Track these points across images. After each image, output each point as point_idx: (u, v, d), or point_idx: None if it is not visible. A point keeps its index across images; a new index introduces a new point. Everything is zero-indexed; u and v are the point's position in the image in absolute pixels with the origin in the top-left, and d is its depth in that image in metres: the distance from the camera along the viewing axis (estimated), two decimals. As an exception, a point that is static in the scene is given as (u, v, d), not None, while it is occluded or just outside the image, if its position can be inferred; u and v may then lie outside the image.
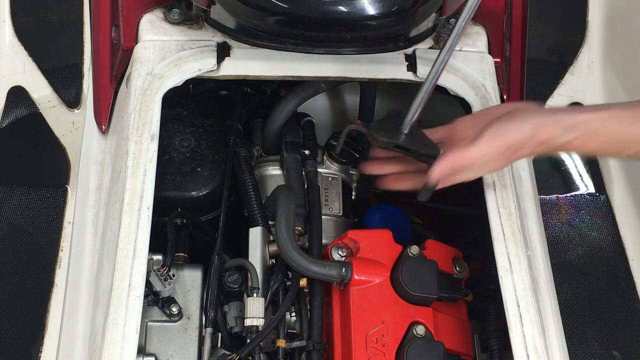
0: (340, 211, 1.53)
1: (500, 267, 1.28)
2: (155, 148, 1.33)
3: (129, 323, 1.19)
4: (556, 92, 2.23)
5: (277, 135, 1.57)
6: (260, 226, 1.42)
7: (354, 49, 1.41)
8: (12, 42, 2.16)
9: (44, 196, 1.92)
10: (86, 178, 1.56)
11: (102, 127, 1.58)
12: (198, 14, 1.46)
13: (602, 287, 1.95)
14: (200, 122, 1.57)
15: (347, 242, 1.37)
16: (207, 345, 1.32)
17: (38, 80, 2.12)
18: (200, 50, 1.43)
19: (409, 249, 1.34)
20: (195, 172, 1.51)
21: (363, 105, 1.68)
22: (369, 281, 1.31)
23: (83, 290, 1.42)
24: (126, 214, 1.27)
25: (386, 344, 1.26)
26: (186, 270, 1.41)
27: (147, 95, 1.37)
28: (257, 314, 1.32)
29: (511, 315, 1.25)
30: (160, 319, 1.36)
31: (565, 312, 1.62)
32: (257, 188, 1.49)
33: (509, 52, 1.58)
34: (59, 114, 2.09)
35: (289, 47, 1.40)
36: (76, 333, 1.39)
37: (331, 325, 1.33)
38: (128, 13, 1.48)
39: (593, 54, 2.26)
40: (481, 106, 1.44)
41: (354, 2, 1.31)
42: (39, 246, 1.85)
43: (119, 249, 1.24)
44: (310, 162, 1.54)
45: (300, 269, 1.32)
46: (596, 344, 1.86)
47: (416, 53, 1.48)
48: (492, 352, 1.34)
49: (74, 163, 1.97)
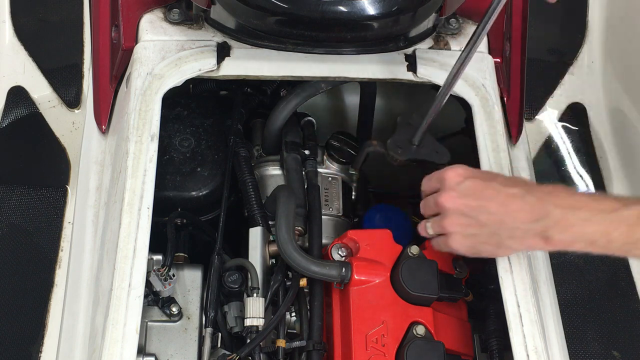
0: (340, 211, 1.53)
1: (500, 267, 1.28)
2: (155, 148, 1.33)
3: (129, 323, 1.19)
4: (556, 92, 2.23)
5: (277, 135, 1.57)
6: (260, 226, 1.42)
7: (354, 49, 1.42)
8: (12, 42, 2.16)
9: (44, 196, 1.92)
10: (86, 178, 1.56)
11: (102, 127, 1.58)
12: (198, 14, 1.46)
13: (602, 287, 1.95)
14: (200, 122, 1.57)
15: (347, 242, 1.37)
16: (207, 345, 1.32)
17: (38, 80, 2.12)
18: (200, 50, 1.43)
19: (409, 249, 1.34)
20: (195, 172, 1.51)
21: (363, 105, 1.68)
22: (369, 281, 1.31)
23: (83, 290, 1.42)
24: (126, 214, 1.27)
25: (386, 344, 1.26)
26: (186, 270, 1.41)
27: (147, 95, 1.37)
28: (257, 314, 1.32)
29: (511, 315, 1.25)
30: (160, 319, 1.36)
31: (565, 312, 1.62)
32: (257, 188, 1.49)
33: (509, 52, 1.58)
34: (59, 114, 2.09)
35: (289, 47, 1.40)
36: (76, 333, 1.39)
37: (331, 325, 1.33)
38: (128, 13, 1.48)
39: (593, 54, 2.26)
40: (481, 106, 1.44)
41: (354, 2, 1.31)
42: (39, 246, 1.85)
43: (119, 249, 1.24)
44: (310, 162, 1.54)
45: (300, 269, 1.32)
46: (596, 344, 1.86)
47: (416, 53, 1.48)
48: (492, 352, 1.34)
49: (74, 163, 1.97)
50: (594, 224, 1.14)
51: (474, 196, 1.21)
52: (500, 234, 1.20)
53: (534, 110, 2.19)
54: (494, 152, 1.40)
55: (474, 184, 1.22)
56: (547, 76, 2.24)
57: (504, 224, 1.19)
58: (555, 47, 2.28)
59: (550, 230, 1.16)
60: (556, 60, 2.27)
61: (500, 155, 1.40)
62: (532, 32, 1.26)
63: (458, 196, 1.22)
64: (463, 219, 1.21)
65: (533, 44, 1.24)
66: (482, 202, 1.20)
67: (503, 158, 1.40)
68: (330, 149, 1.59)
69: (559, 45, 2.28)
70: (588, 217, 1.15)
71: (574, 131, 2.18)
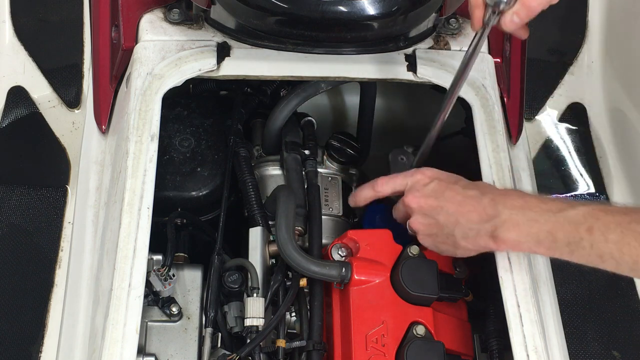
0: (340, 211, 1.53)
1: (500, 267, 1.28)
2: (155, 148, 1.33)
3: (129, 323, 1.19)
4: (556, 92, 2.23)
5: (277, 135, 1.57)
6: (260, 226, 1.42)
7: (354, 49, 1.42)
8: (12, 42, 2.16)
9: (44, 196, 1.92)
10: (86, 178, 1.56)
11: (102, 127, 1.58)
12: (198, 14, 1.46)
13: (602, 287, 1.95)
14: (200, 122, 1.57)
15: (347, 242, 1.37)
16: (207, 345, 1.32)
17: (38, 80, 2.11)
18: (200, 50, 1.43)
19: (409, 249, 1.34)
20: (195, 172, 1.51)
21: (363, 105, 1.68)
22: (369, 281, 1.31)
23: (83, 290, 1.42)
24: (126, 214, 1.27)
25: (386, 344, 1.26)
26: (186, 270, 1.41)
27: (147, 95, 1.37)
28: (257, 314, 1.32)
29: (511, 315, 1.25)
30: (160, 319, 1.36)
31: (565, 312, 1.62)
32: (257, 188, 1.49)
33: (509, 52, 1.58)
34: (59, 114, 2.08)
35: (289, 47, 1.40)
36: (76, 333, 1.39)
37: (331, 325, 1.33)
38: (128, 13, 1.48)
39: (593, 54, 2.26)
40: (481, 106, 1.44)
41: (354, 2, 1.31)
42: (39, 246, 1.85)
43: (119, 249, 1.24)
44: (310, 162, 1.54)
45: (300, 269, 1.32)
46: (596, 344, 1.86)
47: (416, 53, 1.48)
48: (492, 352, 1.34)
49: (74, 163, 1.97)
50: (539, 224, 1.16)
51: (435, 197, 1.26)
52: (455, 234, 1.24)
53: (534, 110, 2.19)
54: (494, 152, 1.40)
55: (438, 186, 1.27)
56: (547, 76, 2.23)
57: (459, 225, 1.23)
58: (555, 47, 2.28)
59: (499, 229, 1.19)
60: (556, 60, 2.27)
61: (500, 155, 1.40)
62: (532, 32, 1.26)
63: (421, 196, 1.28)
64: (425, 219, 1.28)
65: (533, 44, 1.24)
66: (442, 203, 1.25)
67: (503, 158, 1.40)
68: (330, 149, 1.58)
69: (559, 45, 2.28)
70: (535, 217, 1.16)
71: (574, 131, 2.18)
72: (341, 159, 1.58)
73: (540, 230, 1.15)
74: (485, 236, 1.21)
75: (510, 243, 1.19)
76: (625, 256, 1.08)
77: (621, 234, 1.09)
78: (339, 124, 1.82)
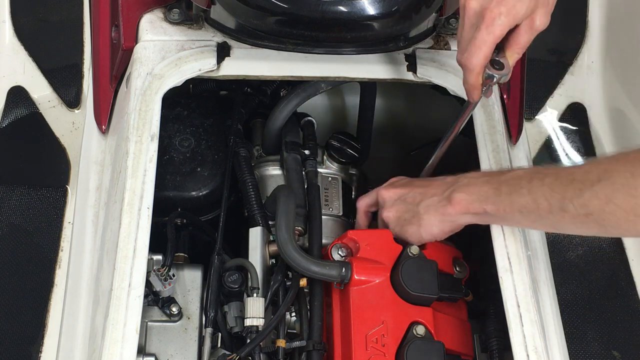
0: (340, 211, 1.53)
1: (500, 267, 1.28)
2: (155, 148, 1.33)
3: (129, 323, 1.19)
4: (556, 92, 2.23)
5: (277, 135, 1.57)
6: (260, 226, 1.42)
7: (354, 49, 1.42)
8: (12, 42, 2.16)
9: (44, 196, 1.92)
10: (86, 178, 1.56)
11: (102, 127, 1.58)
12: (198, 14, 1.46)
13: (602, 287, 1.95)
14: (200, 122, 1.57)
15: (347, 242, 1.37)
16: (207, 345, 1.32)
17: (38, 80, 2.12)
18: (200, 50, 1.43)
19: (409, 249, 1.33)
20: (195, 172, 1.51)
21: (363, 105, 1.68)
22: (369, 281, 1.31)
23: (83, 290, 1.42)
24: (126, 214, 1.27)
25: (386, 344, 1.26)
26: (186, 270, 1.41)
27: (147, 95, 1.37)
28: (257, 314, 1.32)
29: (511, 315, 1.25)
30: (160, 319, 1.36)
31: (565, 312, 1.62)
32: (257, 188, 1.49)
33: (509, 52, 1.57)
34: (59, 114, 2.09)
35: (289, 47, 1.40)
36: (76, 333, 1.39)
37: (331, 325, 1.33)
38: (128, 13, 1.48)
39: (593, 54, 2.26)
40: (481, 106, 1.44)
41: (354, 2, 1.31)
42: (39, 246, 1.85)
43: (119, 249, 1.24)
44: (310, 162, 1.53)
45: (300, 269, 1.32)
46: (596, 344, 1.86)
47: (416, 53, 1.48)
48: (492, 352, 1.34)
49: (74, 163, 1.97)
50: (490, 184, 1.23)
51: (405, 186, 1.37)
52: (419, 209, 1.31)
53: (534, 110, 2.19)
54: (494, 152, 1.40)
55: (408, 179, 1.40)
56: (547, 76, 2.24)
57: (424, 200, 1.31)
58: (555, 47, 2.28)
59: (454, 192, 1.26)
60: (556, 60, 2.27)
61: (500, 155, 1.40)
62: (532, 32, 1.26)
63: (392, 187, 1.38)
64: (395, 205, 1.35)
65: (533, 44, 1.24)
66: (410, 188, 1.35)
67: (503, 158, 1.40)
68: (330, 149, 1.58)
69: (559, 45, 2.28)
70: (488, 180, 1.24)
71: (574, 131, 2.18)
72: (341, 159, 1.58)
73: (489, 189, 1.23)
74: (444, 201, 1.27)
75: (463, 202, 1.25)
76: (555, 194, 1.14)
77: (556, 175, 1.16)
78: (339, 124, 1.82)
